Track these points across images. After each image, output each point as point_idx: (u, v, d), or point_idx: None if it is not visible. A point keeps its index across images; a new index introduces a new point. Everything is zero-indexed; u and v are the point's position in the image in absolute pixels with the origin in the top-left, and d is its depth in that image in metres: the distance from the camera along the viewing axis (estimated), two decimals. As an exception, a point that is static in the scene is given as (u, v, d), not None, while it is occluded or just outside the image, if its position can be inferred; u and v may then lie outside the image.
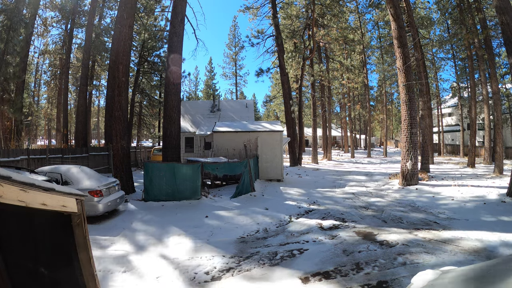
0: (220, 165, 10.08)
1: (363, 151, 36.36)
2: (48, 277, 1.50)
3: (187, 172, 8.74)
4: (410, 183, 10.54)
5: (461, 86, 25.44)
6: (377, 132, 53.55)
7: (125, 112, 10.08)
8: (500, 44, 20.18)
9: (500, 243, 4.81)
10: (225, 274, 4.12)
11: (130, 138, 22.37)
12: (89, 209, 6.28)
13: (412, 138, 10.72)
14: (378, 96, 34.81)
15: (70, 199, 1.55)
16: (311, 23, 19.28)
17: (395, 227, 6.00)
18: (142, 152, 21.95)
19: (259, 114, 55.85)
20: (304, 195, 9.81)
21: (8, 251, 1.27)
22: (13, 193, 1.14)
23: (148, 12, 22.74)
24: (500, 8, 8.28)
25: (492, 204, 7.39)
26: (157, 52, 25.19)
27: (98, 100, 36.36)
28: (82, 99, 18.07)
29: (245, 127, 13.39)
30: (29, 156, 10.52)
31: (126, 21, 9.90)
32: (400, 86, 11.22)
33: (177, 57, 10.85)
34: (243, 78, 50.08)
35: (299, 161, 19.52)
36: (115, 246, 5.28)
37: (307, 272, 4.08)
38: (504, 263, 1.29)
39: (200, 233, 5.98)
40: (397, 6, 11.20)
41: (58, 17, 20.99)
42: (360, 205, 8.18)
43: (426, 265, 4.08)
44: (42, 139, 44.99)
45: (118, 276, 4.09)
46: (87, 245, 1.67)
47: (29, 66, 24.64)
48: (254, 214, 7.41)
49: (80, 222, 1.64)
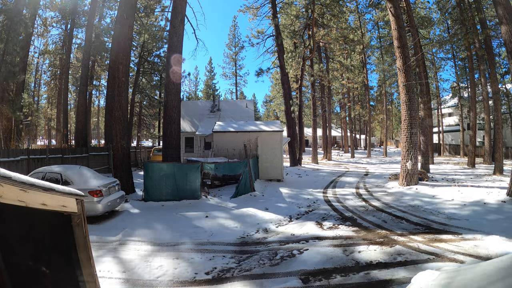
0: (220, 165, 10.09)
1: (363, 151, 36.36)
2: (48, 277, 1.50)
3: (187, 172, 8.74)
4: (410, 183, 10.53)
5: (461, 86, 25.41)
6: (377, 132, 53.54)
7: (125, 112, 10.08)
8: (500, 44, 20.20)
9: (500, 242, 4.82)
10: (225, 274, 4.12)
11: (130, 138, 22.36)
12: (89, 209, 6.27)
13: (412, 138, 10.71)
14: (378, 96, 34.81)
15: (70, 199, 1.56)
16: (311, 23, 19.27)
17: (395, 228, 6.01)
18: (142, 152, 21.94)
19: (259, 114, 55.88)
20: (304, 195, 9.81)
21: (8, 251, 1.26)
22: (13, 193, 1.15)
23: (148, 12, 22.73)
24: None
25: (492, 204, 7.39)
26: (157, 52, 25.22)
27: (98, 100, 36.36)
28: (82, 99, 18.06)
29: (245, 127, 13.39)
30: (29, 156, 10.51)
31: (126, 21, 9.90)
32: (400, 86, 11.22)
33: (177, 57, 10.85)
34: (243, 78, 50.14)
35: (299, 161, 19.52)
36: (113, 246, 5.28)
37: (307, 271, 4.08)
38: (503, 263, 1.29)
39: (200, 233, 5.98)
40: (397, 6, 11.20)
41: (58, 17, 21.00)
42: (360, 205, 8.18)
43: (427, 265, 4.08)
44: (42, 139, 44.98)
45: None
46: (87, 245, 1.68)
47: (29, 66, 24.64)
48: (254, 214, 7.41)
49: (80, 222, 1.64)
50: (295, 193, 10.17)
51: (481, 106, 20.74)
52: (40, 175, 6.81)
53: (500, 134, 14.25)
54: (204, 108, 23.39)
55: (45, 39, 23.45)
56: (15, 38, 14.31)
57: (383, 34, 26.09)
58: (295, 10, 20.47)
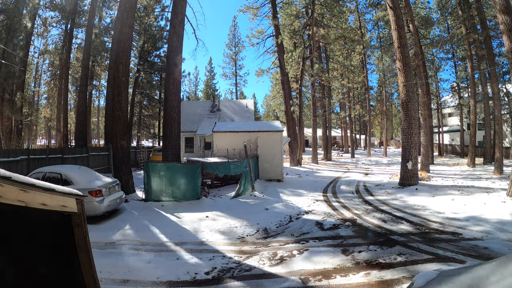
0: (220, 165, 10.08)
1: (363, 151, 36.35)
2: (48, 277, 1.50)
3: (187, 172, 8.74)
4: (410, 183, 10.53)
5: (461, 86, 25.42)
6: (377, 132, 53.51)
7: (125, 112, 10.07)
8: (500, 44, 20.19)
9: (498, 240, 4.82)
10: (225, 274, 4.12)
11: (130, 138, 22.37)
12: (89, 209, 6.27)
13: (412, 138, 10.71)
14: (378, 96, 34.79)
15: (70, 199, 1.55)
16: (311, 23, 19.26)
17: (395, 227, 6.01)
18: (142, 152, 21.93)
19: (259, 114, 55.87)
20: (304, 195, 9.81)
21: (8, 251, 1.26)
22: (13, 193, 1.15)
23: (148, 12, 22.73)
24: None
25: (492, 204, 7.39)
26: (157, 52, 25.17)
27: (98, 100, 36.37)
28: (82, 99, 18.03)
29: (245, 127, 13.38)
30: (29, 156, 10.49)
31: (126, 21, 9.89)
32: (400, 86, 11.22)
33: (177, 57, 10.84)
34: (243, 78, 50.21)
35: (299, 161, 19.52)
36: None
37: (307, 271, 4.08)
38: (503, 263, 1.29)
39: (200, 233, 5.98)
40: (397, 6, 11.20)
41: (58, 17, 20.95)
42: (360, 205, 8.18)
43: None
44: (42, 139, 44.98)
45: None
46: (87, 245, 1.67)
47: (29, 66, 24.62)
48: (254, 214, 7.40)
49: (80, 222, 1.64)
50: (296, 193, 10.17)
51: (481, 106, 20.74)
52: (40, 175, 6.81)
53: (500, 135, 14.24)
54: (204, 108, 23.40)
55: (45, 39, 23.42)
56: (15, 38, 14.30)
57: (383, 34, 26.08)
58: (295, 10, 20.46)
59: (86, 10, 20.38)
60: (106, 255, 4.83)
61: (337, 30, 21.53)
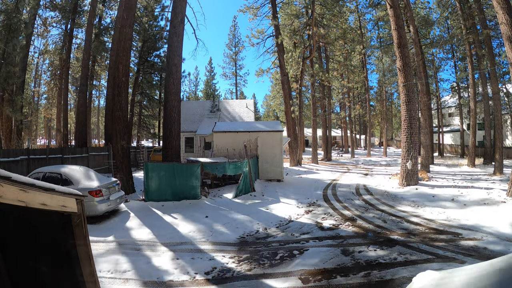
0: (220, 165, 10.08)
1: (363, 151, 36.34)
2: (48, 277, 1.49)
3: (187, 172, 8.74)
4: (410, 183, 10.53)
5: (461, 86, 25.42)
6: (377, 132, 53.50)
7: (125, 112, 10.07)
8: (500, 44, 20.18)
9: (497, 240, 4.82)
10: (225, 274, 4.12)
11: (130, 138, 22.34)
12: (89, 209, 6.27)
13: (412, 138, 10.71)
14: (378, 96, 34.78)
15: (70, 199, 1.55)
16: (311, 23, 19.26)
17: (395, 227, 6.01)
18: (142, 152, 21.93)
19: (259, 114, 55.88)
20: (304, 195, 9.80)
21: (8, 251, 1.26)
22: (13, 193, 1.14)
23: (148, 12, 22.74)
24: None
25: (492, 204, 7.39)
26: (157, 52, 25.20)
27: (98, 100, 36.40)
28: (82, 99, 18.06)
29: (245, 127, 13.38)
30: (29, 156, 10.51)
31: (126, 21, 9.89)
32: (400, 86, 11.22)
33: (177, 57, 10.84)
34: (243, 78, 50.15)
35: (299, 161, 19.52)
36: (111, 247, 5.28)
37: (307, 271, 4.08)
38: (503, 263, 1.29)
39: (200, 233, 5.98)
40: (397, 6, 11.20)
41: (58, 17, 20.96)
42: (360, 205, 8.18)
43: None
44: (42, 139, 44.98)
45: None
46: (87, 245, 1.67)
47: (29, 66, 24.61)
48: (254, 214, 7.41)
49: (80, 222, 1.63)
50: (296, 193, 10.16)
51: (481, 106, 20.75)
52: (40, 175, 6.81)
53: (500, 134, 14.24)
54: (204, 108, 23.39)
55: (45, 39, 23.40)
56: (15, 38, 14.28)
57: (383, 34, 26.08)
58: (295, 10, 20.48)
59: (86, 10, 20.40)
60: (106, 255, 4.84)
61: (337, 30, 21.54)
